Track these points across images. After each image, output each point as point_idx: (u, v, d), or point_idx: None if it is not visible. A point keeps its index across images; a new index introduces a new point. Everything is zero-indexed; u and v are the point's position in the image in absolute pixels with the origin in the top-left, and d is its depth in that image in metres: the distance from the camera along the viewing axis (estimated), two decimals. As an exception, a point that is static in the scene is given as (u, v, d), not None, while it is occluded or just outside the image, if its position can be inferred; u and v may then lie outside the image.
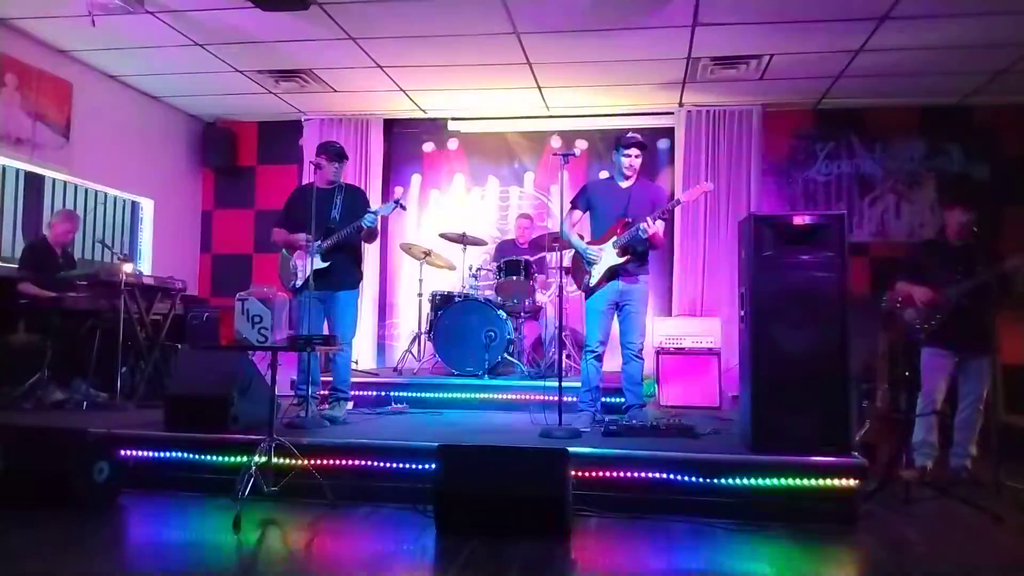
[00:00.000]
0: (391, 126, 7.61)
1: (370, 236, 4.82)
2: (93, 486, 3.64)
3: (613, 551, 3.24)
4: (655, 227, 4.42)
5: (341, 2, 4.96)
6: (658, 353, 5.86)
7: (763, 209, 6.63)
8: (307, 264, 4.62)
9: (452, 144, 7.57)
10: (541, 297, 6.31)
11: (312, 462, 3.74)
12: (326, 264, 4.64)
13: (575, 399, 4.73)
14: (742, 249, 4.01)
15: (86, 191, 6.72)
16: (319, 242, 4.60)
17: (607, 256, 4.55)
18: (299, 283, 4.75)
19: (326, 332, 4.63)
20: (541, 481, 3.29)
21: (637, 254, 4.58)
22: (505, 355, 5.96)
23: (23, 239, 6.04)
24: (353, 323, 5.02)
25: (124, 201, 7.12)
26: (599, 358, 4.68)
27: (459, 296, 6.22)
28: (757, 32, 5.34)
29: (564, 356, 5.22)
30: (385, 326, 7.56)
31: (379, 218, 4.68)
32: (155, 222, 7.24)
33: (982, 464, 4.30)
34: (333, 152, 4.82)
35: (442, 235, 6.72)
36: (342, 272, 4.76)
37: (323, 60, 6.07)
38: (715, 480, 3.60)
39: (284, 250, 4.90)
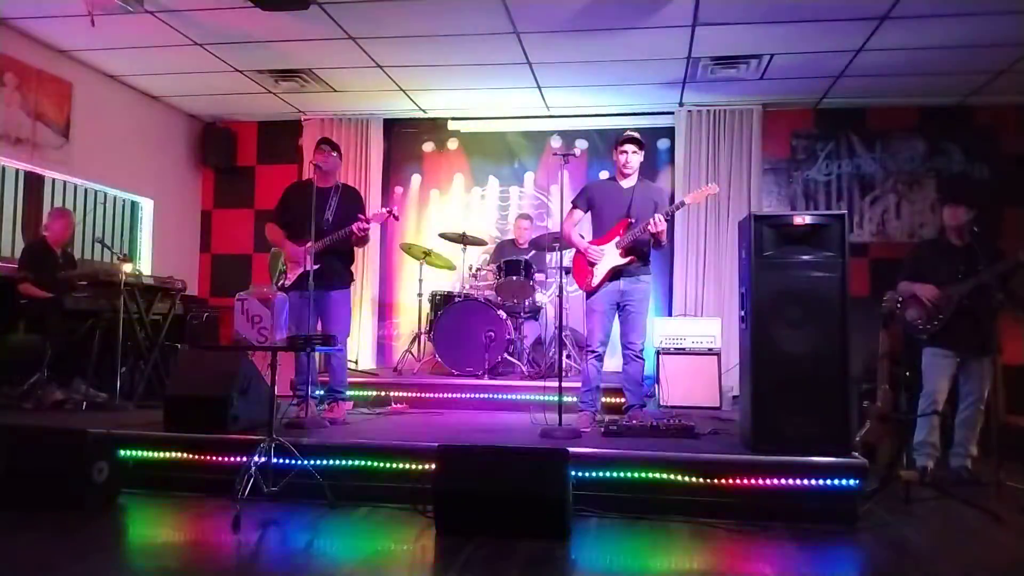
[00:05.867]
0: (391, 126, 7.61)
1: (360, 241, 4.78)
2: (93, 486, 3.64)
3: (613, 551, 3.24)
4: (662, 224, 4.42)
5: (341, 2, 4.96)
6: (658, 353, 5.86)
7: (763, 209, 6.63)
8: (301, 264, 4.63)
9: (452, 144, 7.57)
10: (541, 297, 6.31)
11: (312, 462, 3.74)
12: (317, 266, 4.61)
13: (575, 399, 4.73)
14: (742, 249, 4.01)
15: (86, 191, 6.72)
16: (309, 244, 4.57)
17: (609, 256, 4.55)
18: (288, 283, 4.75)
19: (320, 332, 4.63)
20: (541, 481, 3.29)
21: (639, 254, 4.58)
22: (505, 355, 5.97)
23: (23, 239, 6.03)
24: (346, 322, 5.02)
25: (124, 201, 7.12)
26: (599, 358, 4.67)
27: (459, 296, 6.22)
28: (757, 32, 5.34)
29: (564, 356, 5.21)
30: (385, 326, 7.55)
31: (371, 226, 4.66)
32: (155, 222, 7.24)
33: (983, 464, 4.30)
34: (326, 144, 4.84)
35: (442, 235, 6.73)
36: (333, 272, 4.76)
37: (323, 60, 6.07)
38: (715, 480, 3.60)
39: (273, 248, 4.88)
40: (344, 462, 3.88)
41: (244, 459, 3.65)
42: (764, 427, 3.69)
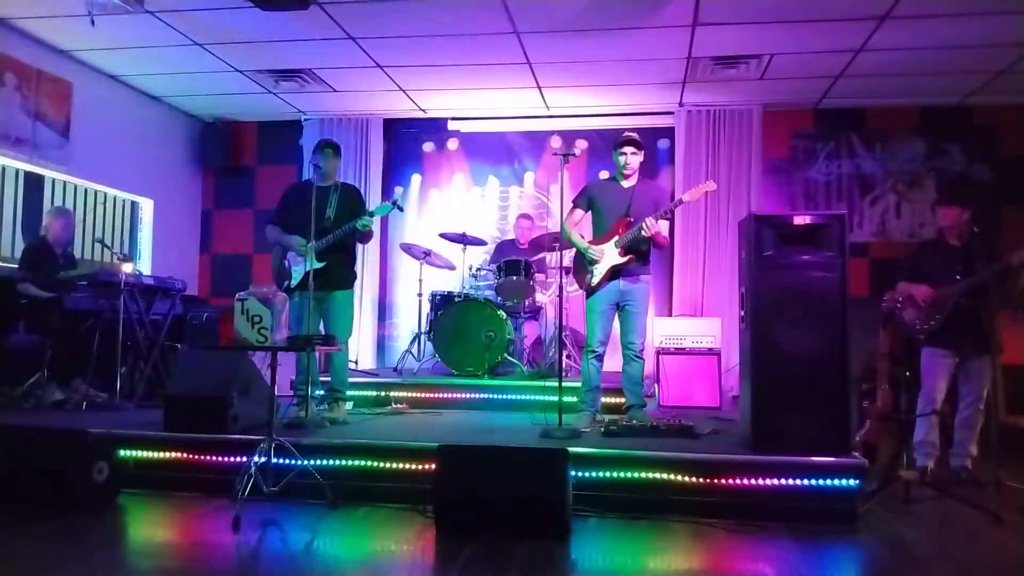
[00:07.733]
0: (391, 126, 7.60)
1: (364, 237, 4.79)
2: (93, 486, 3.64)
3: (613, 551, 3.24)
4: (657, 226, 4.42)
5: (341, 2, 4.96)
6: (658, 353, 5.86)
7: (763, 209, 6.63)
8: (302, 264, 4.62)
9: (452, 144, 7.57)
10: (541, 297, 6.31)
11: (312, 462, 3.74)
12: (321, 265, 4.62)
13: (575, 399, 4.73)
14: (742, 249, 4.01)
15: (86, 191, 6.72)
16: (313, 242, 4.58)
17: (609, 256, 4.55)
18: (293, 283, 4.74)
19: (322, 332, 4.62)
20: (541, 481, 3.29)
21: (639, 254, 4.58)
22: (505, 355, 5.96)
23: (23, 239, 6.04)
24: (349, 323, 5.02)
25: (124, 201, 7.12)
26: (599, 358, 4.68)
27: (459, 296, 6.22)
28: (757, 32, 5.34)
29: (564, 356, 5.22)
30: (385, 326, 7.55)
31: (375, 219, 4.66)
32: (155, 222, 7.23)
33: (982, 464, 4.30)
34: (327, 146, 4.83)
35: (442, 235, 6.72)
36: (337, 272, 4.75)
37: (323, 60, 6.07)
38: (715, 480, 3.60)
39: (274, 249, 4.88)
40: (344, 462, 3.89)
41: (244, 459, 3.65)
42: (764, 427, 3.69)
